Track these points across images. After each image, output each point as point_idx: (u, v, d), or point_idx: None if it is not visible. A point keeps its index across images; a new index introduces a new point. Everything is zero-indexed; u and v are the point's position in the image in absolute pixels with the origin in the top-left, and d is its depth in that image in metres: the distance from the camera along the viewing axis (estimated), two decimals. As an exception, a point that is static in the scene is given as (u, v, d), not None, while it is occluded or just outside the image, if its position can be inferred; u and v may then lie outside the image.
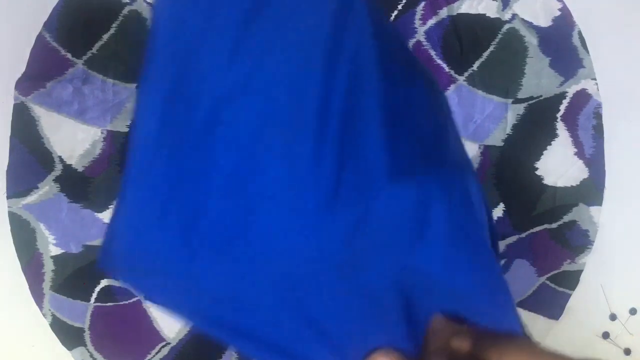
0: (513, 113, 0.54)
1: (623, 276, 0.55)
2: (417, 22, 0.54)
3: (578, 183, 0.54)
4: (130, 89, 0.53)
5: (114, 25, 0.53)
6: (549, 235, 0.54)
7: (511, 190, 0.54)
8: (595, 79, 0.54)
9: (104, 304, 0.54)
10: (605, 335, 0.55)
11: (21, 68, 0.53)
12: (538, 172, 0.54)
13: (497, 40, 0.54)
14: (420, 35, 0.54)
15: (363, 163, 0.29)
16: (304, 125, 0.29)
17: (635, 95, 0.55)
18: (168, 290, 0.33)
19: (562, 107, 0.54)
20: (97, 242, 0.54)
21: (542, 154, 0.54)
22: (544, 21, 0.54)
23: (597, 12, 0.54)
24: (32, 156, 0.53)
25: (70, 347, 0.54)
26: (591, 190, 0.54)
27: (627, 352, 0.55)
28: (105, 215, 0.54)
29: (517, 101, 0.54)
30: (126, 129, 0.53)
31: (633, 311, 0.56)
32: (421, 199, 0.29)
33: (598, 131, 0.54)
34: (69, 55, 0.53)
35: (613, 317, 0.55)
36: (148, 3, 0.53)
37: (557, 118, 0.54)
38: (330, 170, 0.29)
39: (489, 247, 0.33)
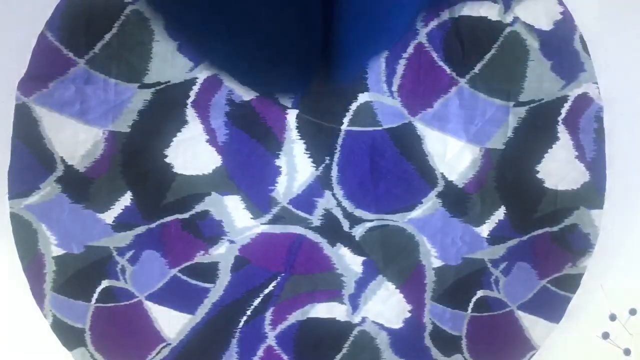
0: (514, 116, 0.54)
1: (623, 277, 0.56)
2: (419, 24, 0.54)
3: (579, 186, 0.54)
4: (133, 89, 0.53)
5: (116, 25, 0.53)
6: (550, 238, 0.55)
7: (512, 193, 0.54)
8: (596, 83, 0.54)
9: (104, 305, 0.54)
10: (605, 336, 0.56)
11: (23, 68, 0.52)
12: (539, 175, 0.54)
13: (498, 43, 0.54)
14: (422, 37, 0.54)
15: None
16: None
17: (637, 99, 0.55)
18: None
19: (564, 111, 0.54)
20: (98, 242, 0.54)
21: (543, 157, 0.54)
22: (545, 24, 0.54)
23: (598, 15, 0.54)
24: (34, 157, 0.53)
25: (70, 348, 0.54)
26: (592, 193, 0.54)
27: (627, 352, 0.56)
28: (107, 216, 0.53)
29: (519, 104, 0.54)
30: (128, 129, 0.53)
31: (633, 312, 0.56)
32: None
33: (599, 135, 0.54)
34: (71, 55, 0.53)
35: (613, 317, 0.56)
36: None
37: (558, 121, 0.54)
38: None
39: None
